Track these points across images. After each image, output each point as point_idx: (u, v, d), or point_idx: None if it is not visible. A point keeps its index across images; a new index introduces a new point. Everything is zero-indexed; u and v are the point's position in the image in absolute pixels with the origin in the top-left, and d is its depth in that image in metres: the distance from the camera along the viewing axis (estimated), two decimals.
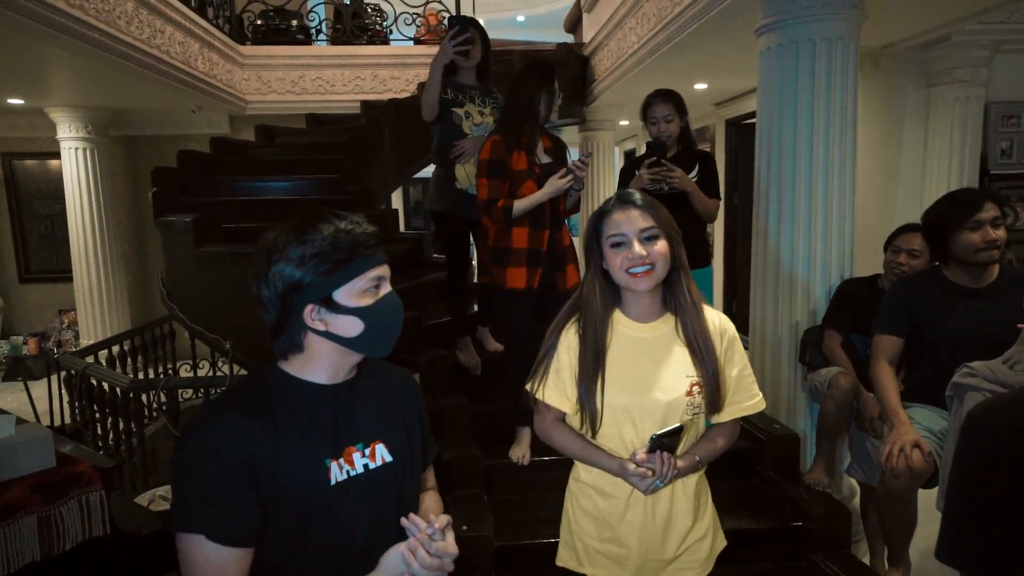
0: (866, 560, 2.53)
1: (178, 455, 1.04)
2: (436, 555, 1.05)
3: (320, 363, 1.11)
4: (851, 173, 2.85)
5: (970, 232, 2.08)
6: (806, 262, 2.86)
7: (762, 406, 1.48)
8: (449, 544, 1.07)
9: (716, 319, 1.46)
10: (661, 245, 1.36)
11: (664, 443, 1.35)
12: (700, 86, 5.39)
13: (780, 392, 2.98)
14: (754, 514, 2.58)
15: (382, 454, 1.15)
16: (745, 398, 1.46)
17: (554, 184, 2.45)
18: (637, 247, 1.34)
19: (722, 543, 1.58)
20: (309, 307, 1.07)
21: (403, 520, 1.08)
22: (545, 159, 2.59)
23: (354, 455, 1.11)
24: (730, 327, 1.47)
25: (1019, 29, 3.87)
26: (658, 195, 2.75)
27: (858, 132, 2.89)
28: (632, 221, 1.36)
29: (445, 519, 1.09)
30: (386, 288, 1.13)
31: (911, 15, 3.42)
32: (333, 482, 1.08)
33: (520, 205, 2.46)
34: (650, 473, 1.33)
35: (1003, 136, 4.22)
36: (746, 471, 2.81)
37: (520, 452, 2.66)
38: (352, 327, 1.08)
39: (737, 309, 5.98)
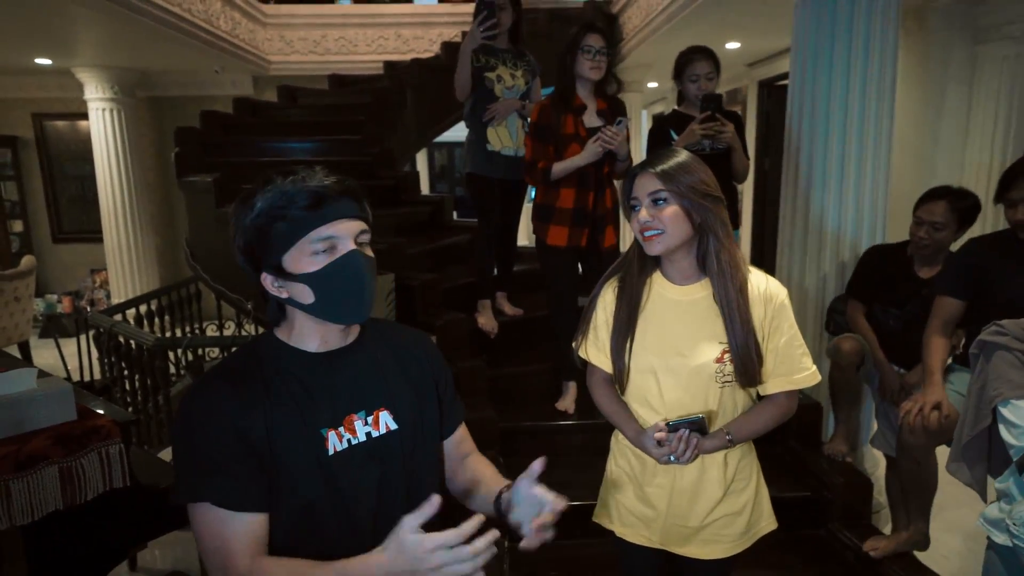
0: (887, 531, 2.50)
1: (174, 428, 1.02)
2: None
3: (304, 331, 1.07)
4: (887, 135, 2.73)
5: (1009, 208, 1.99)
6: (836, 227, 2.76)
7: (815, 380, 1.41)
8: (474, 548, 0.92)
9: (763, 285, 1.38)
10: (670, 210, 1.33)
11: (683, 428, 1.34)
12: (732, 45, 5.20)
13: None
14: (774, 482, 2.51)
15: (386, 421, 1.09)
16: (793, 370, 1.38)
17: (589, 149, 2.49)
18: (644, 212, 1.34)
19: (769, 526, 1.54)
20: (263, 275, 1.03)
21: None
22: (596, 122, 2.59)
23: (355, 423, 1.06)
24: (779, 293, 1.38)
25: None
26: (698, 153, 2.68)
27: (899, 94, 2.75)
28: (644, 186, 1.35)
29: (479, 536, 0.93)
30: (345, 247, 1.01)
31: None
32: (331, 452, 1.03)
33: (558, 168, 2.55)
34: (659, 446, 1.34)
35: None
36: (768, 439, 2.73)
37: (565, 404, 2.83)
38: (305, 294, 1.01)
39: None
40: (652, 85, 7.34)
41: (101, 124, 5.81)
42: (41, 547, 1.73)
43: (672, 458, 1.34)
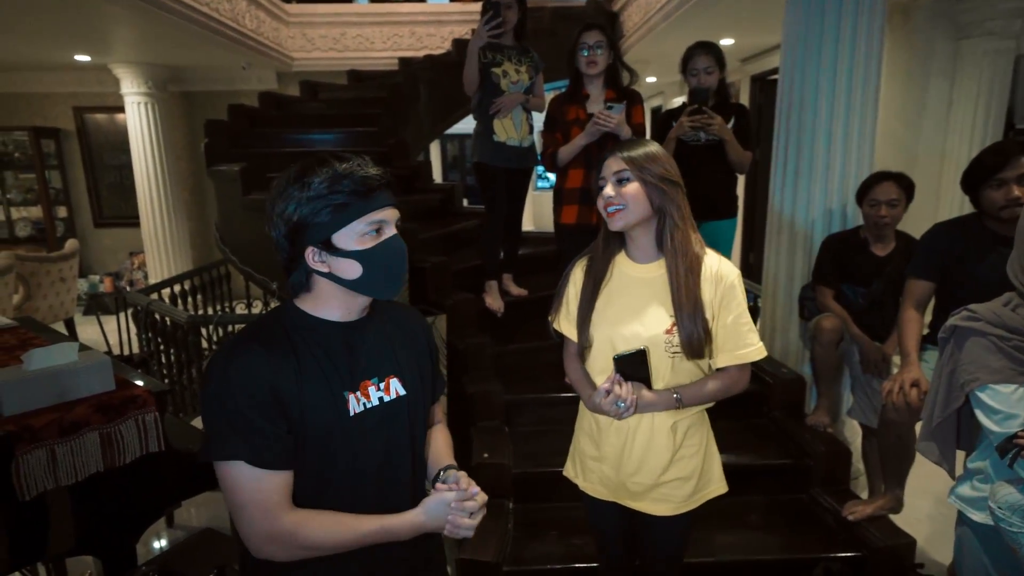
0: (864, 496, 2.50)
1: (206, 388, 1.00)
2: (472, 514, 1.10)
3: (330, 302, 1.08)
4: (871, 128, 2.69)
5: (993, 190, 1.94)
6: (821, 215, 2.73)
7: (759, 355, 1.41)
8: (479, 499, 1.11)
9: (716, 266, 1.40)
10: (632, 188, 1.36)
11: (626, 366, 1.36)
12: (727, 41, 5.12)
13: (790, 340, 2.90)
14: (760, 451, 2.56)
15: (396, 388, 1.12)
16: (739, 345, 1.39)
17: (588, 130, 2.53)
18: (608, 188, 1.38)
19: (718, 490, 1.55)
20: (310, 249, 1.03)
21: (439, 485, 1.13)
22: (601, 108, 2.59)
23: (370, 388, 1.09)
24: (730, 274, 1.39)
25: None
26: (694, 144, 2.66)
27: (884, 87, 2.70)
28: (610, 167, 1.39)
29: (475, 487, 1.13)
30: (389, 231, 1.06)
31: None
32: (351, 413, 1.06)
33: (563, 151, 2.61)
34: (607, 395, 1.35)
35: None
36: (755, 412, 2.77)
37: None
38: (352, 270, 1.04)
39: (754, 261, 5.83)
40: (651, 80, 7.25)
41: (137, 117, 5.82)
42: (86, 506, 1.75)
43: (620, 404, 1.35)
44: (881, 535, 2.15)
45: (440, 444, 1.27)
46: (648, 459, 1.46)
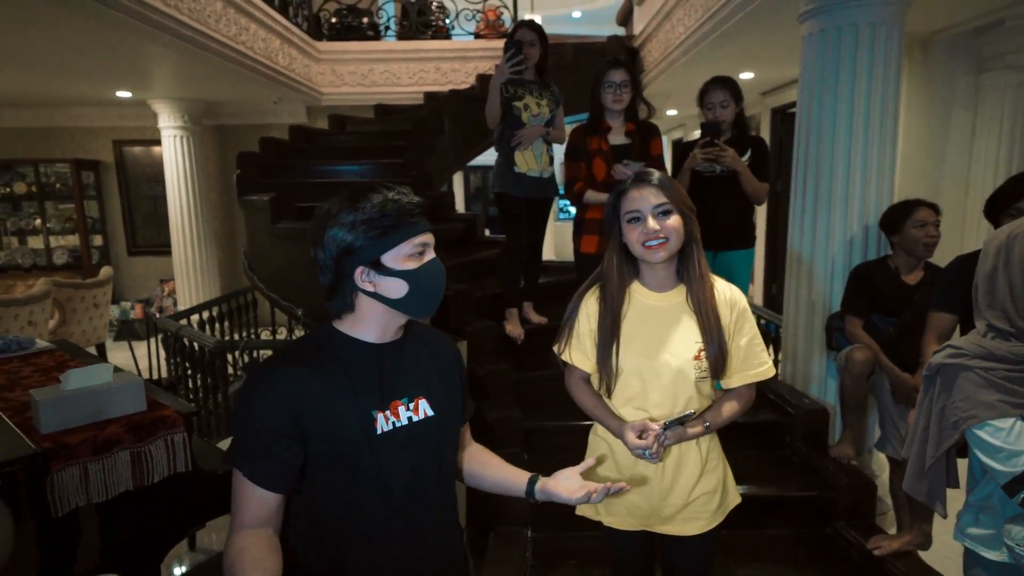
0: (892, 532, 2.44)
1: (238, 403, 1.09)
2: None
3: (369, 323, 1.12)
4: (891, 160, 2.70)
5: (1012, 219, 1.94)
6: (841, 246, 2.73)
7: (770, 374, 1.46)
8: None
9: (728, 292, 1.44)
10: (674, 220, 1.37)
11: (672, 425, 1.37)
12: (747, 75, 5.18)
13: (811, 370, 2.87)
14: (782, 483, 2.53)
15: (424, 408, 1.15)
16: (753, 366, 1.44)
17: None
18: (651, 222, 1.36)
19: (735, 500, 1.57)
20: (359, 269, 1.08)
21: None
22: (618, 140, 2.74)
23: (399, 408, 1.12)
24: (741, 299, 1.44)
25: None
26: (709, 175, 2.70)
27: (905, 119, 2.73)
28: (646, 198, 1.37)
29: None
30: (430, 254, 1.13)
31: None
32: (379, 432, 1.09)
33: (591, 196, 2.73)
34: (641, 443, 1.36)
35: None
36: (777, 443, 2.74)
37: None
38: (398, 289, 1.09)
39: (776, 292, 5.78)
40: (671, 113, 7.34)
41: (173, 149, 6.05)
42: (112, 524, 1.79)
43: (646, 453, 1.36)
44: (908, 572, 2.10)
45: (488, 457, 1.32)
46: (679, 478, 1.47)
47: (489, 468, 1.30)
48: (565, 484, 1.22)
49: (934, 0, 3.05)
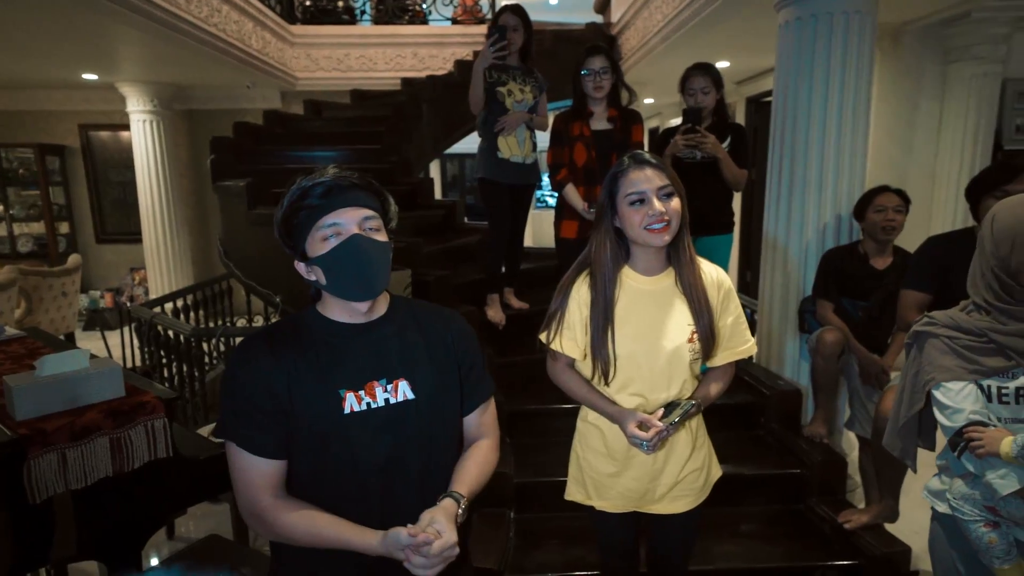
0: (861, 507, 2.53)
1: (223, 376, 1.13)
2: (432, 558, 1.00)
3: (332, 306, 1.14)
4: (863, 148, 2.76)
5: (995, 200, 2.00)
6: (815, 232, 2.79)
7: (754, 350, 1.51)
8: (445, 541, 1.00)
9: (713, 273, 1.46)
10: (676, 202, 1.36)
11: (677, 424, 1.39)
12: (723, 64, 5.23)
13: (785, 352, 2.95)
14: (758, 462, 2.59)
15: (404, 391, 1.11)
16: (738, 343, 1.48)
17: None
18: (657, 204, 1.34)
19: (717, 473, 1.61)
20: (297, 263, 1.12)
21: (409, 526, 1.01)
22: (604, 126, 2.76)
23: (376, 388, 1.10)
24: (726, 280, 1.47)
25: None
26: (690, 161, 2.74)
27: (875, 107, 2.79)
28: (650, 179, 1.35)
29: (436, 537, 1.00)
30: (349, 231, 1.06)
31: None
32: (347, 411, 1.07)
33: (568, 192, 2.77)
34: (641, 435, 1.37)
35: (1019, 112, 4.01)
36: (752, 423, 2.81)
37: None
38: (321, 275, 1.09)
39: (751, 279, 5.89)
40: (648, 101, 7.38)
41: (141, 134, 5.89)
42: (91, 512, 1.77)
43: (644, 445, 1.37)
44: (877, 544, 2.18)
45: (467, 464, 1.18)
46: (671, 457, 1.49)
47: (459, 466, 1.18)
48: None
49: None
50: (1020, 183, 1.95)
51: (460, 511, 1.08)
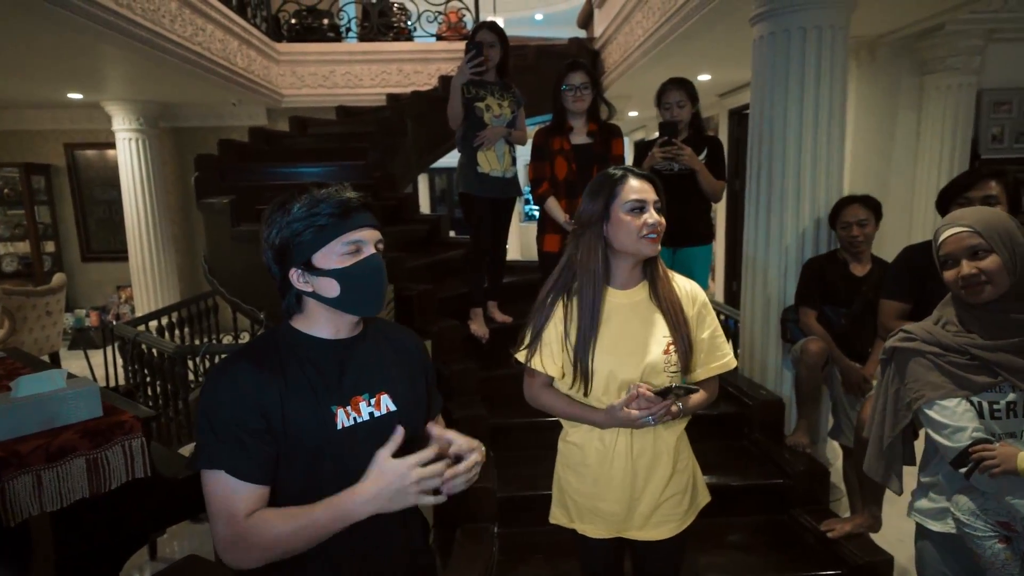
0: (845, 516, 2.54)
1: (200, 402, 1.07)
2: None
3: (319, 321, 1.13)
4: (839, 158, 2.80)
5: (959, 208, 2.04)
6: (794, 241, 2.83)
7: (732, 364, 1.49)
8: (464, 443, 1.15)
9: (687, 286, 1.48)
10: (662, 217, 1.41)
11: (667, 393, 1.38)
12: (704, 77, 5.31)
13: (768, 362, 2.96)
14: (740, 472, 2.60)
15: (387, 404, 1.15)
16: (716, 359, 1.48)
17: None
18: (655, 215, 1.39)
19: (705, 499, 1.58)
20: (292, 271, 1.11)
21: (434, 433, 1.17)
22: (584, 140, 2.80)
23: (360, 404, 1.12)
24: (701, 294, 1.48)
25: (1012, 18, 3.75)
26: (667, 173, 2.77)
27: (854, 119, 2.83)
28: (648, 191, 1.40)
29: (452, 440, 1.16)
30: (368, 251, 1.12)
31: (905, 4, 3.33)
32: (340, 427, 1.09)
33: (550, 205, 2.80)
34: (635, 413, 1.34)
35: (994, 122, 4.10)
36: (735, 433, 2.82)
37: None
38: (331, 288, 1.10)
39: (737, 289, 5.93)
40: (632, 114, 7.45)
41: (127, 153, 5.89)
42: (68, 533, 1.76)
43: (651, 420, 1.35)
44: (860, 553, 2.19)
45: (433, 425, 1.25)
46: (652, 478, 1.46)
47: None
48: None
49: (877, 5, 3.18)
50: (979, 189, 1.99)
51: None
